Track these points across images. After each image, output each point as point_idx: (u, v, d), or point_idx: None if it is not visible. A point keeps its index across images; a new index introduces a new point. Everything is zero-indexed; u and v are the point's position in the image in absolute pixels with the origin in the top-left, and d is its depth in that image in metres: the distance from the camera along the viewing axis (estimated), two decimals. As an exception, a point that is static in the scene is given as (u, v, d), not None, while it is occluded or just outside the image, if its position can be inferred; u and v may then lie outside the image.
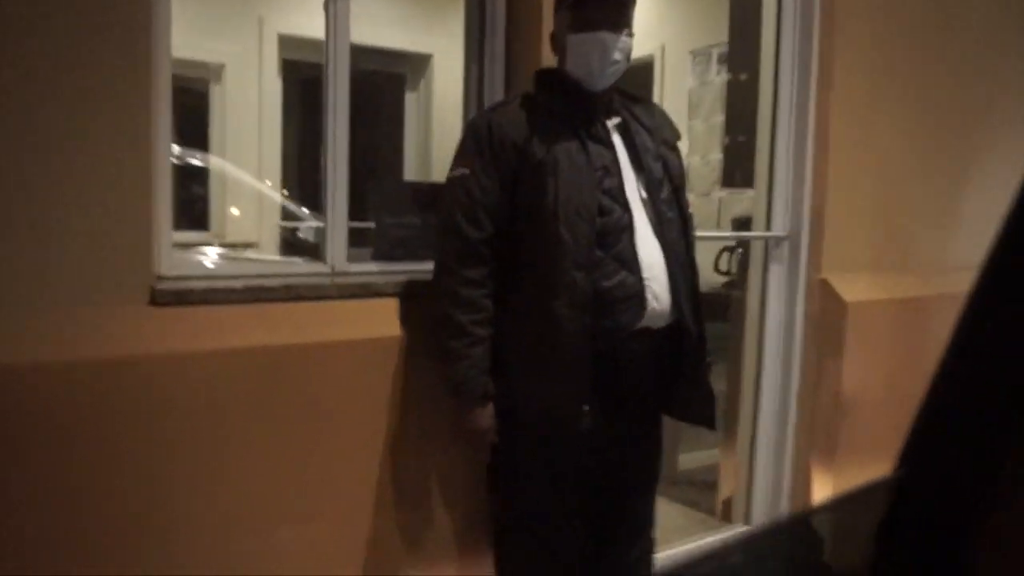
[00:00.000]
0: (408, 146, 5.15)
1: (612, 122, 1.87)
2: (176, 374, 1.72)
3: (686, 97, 4.29)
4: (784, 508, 2.98)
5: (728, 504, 3.10)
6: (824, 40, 2.92)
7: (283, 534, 1.85)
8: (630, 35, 1.84)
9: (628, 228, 1.78)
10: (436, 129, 4.93)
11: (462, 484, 2.12)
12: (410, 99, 5.16)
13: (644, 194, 1.83)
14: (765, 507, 3.01)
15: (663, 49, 4.36)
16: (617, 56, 1.82)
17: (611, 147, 1.83)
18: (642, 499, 2.02)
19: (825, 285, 2.92)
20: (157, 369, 1.70)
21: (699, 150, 4.23)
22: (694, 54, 4.27)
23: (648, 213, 1.82)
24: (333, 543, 1.94)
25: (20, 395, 1.55)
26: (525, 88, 1.93)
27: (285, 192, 4.48)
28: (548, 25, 1.98)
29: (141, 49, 1.72)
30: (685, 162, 3.83)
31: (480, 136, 1.84)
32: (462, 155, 1.87)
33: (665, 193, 1.87)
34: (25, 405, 1.55)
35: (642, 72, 4.40)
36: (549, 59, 2.03)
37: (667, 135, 1.97)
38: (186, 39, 2.29)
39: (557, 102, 1.84)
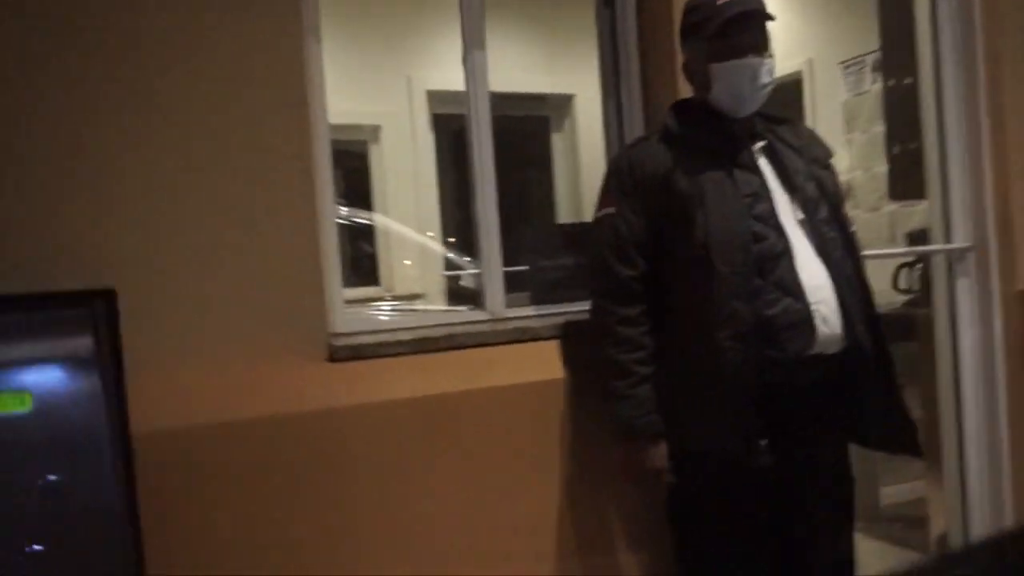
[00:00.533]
0: (558, 185, 5.22)
1: (757, 146, 1.82)
2: (355, 425, 1.81)
3: (840, 111, 4.10)
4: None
5: (943, 540, 2.86)
6: (988, 34, 2.70)
7: (461, 579, 1.89)
8: (772, 55, 1.79)
9: (786, 252, 1.71)
10: (584, 166, 4.98)
11: (643, 526, 2.09)
12: (556, 140, 5.25)
13: (800, 215, 1.76)
14: (982, 541, 2.74)
15: (811, 63, 4.19)
16: (766, 79, 1.77)
17: (758, 172, 1.78)
18: (836, 537, 1.89)
19: None
20: (339, 421, 1.80)
21: (862, 163, 4.01)
22: (845, 65, 4.08)
23: (807, 235, 1.75)
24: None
25: (215, 450, 1.69)
26: (662, 121, 1.91)
27: (448, 240, 4.66)
28: (680, 56, 1.96)
29: (300, 118, 1.86)
30: (847, 177, 3.61)
31: (622, 174, 1.85)
32: (606, 194, 1.88)
33: (823, 212, 1.79)
34: (233, 458, 1.69)
35: (791, 89, 4.25)
36: (686, 90, 2.01)
37: (818, 153, 1.89)
38: (342, 104, 2.44)
39: (698, 133, 1.82)
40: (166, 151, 1.73)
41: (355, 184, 4.75)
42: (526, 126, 5.18)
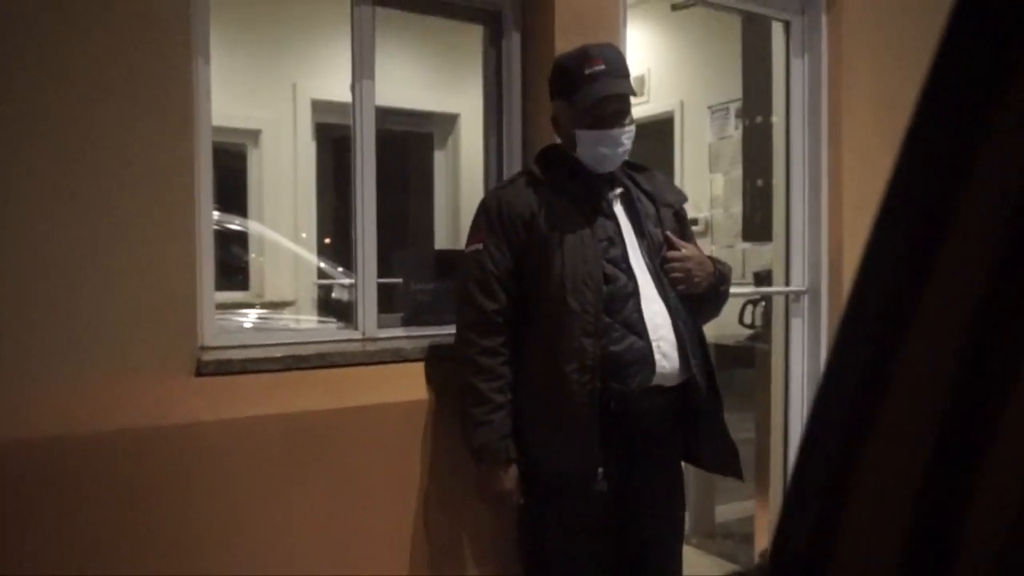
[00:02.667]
0: (438, 204, 5.31)
1: (615, 193, 1.98)
2: (220, 440, 1.84)
3: (706, 151, 4.40)
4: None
5: (765, 556, 3.12)
6: (833, 91, 3.00)
7: (318, 592, 1.94)
8: (632, 121, 1.96)
9: (634, 294, 1.88)
10: (465, 183, 5.09)
11: (492, 543, 2.20)
12: (439, 157, 5.34)
13: (647, 260, 1.93)
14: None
15: (682, 105, 4.49)
16: (626, 146, 1.94)
17: (614, 218, 1.95)
18: (667, 551, 2.08)
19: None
20: (203, 435, 1.82)
21: (721, 203, 4.32)
22: (712, 109, 4.39)
23: (652, 277, 1.92)
24: (366, 600, 2.02)
25: (75, 462, 1.68)
26: (529, 167, 2.05)
27: (323, 250, 4.66)
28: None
29: (182, 121, 1.85)
30: (707, 214, 3.88)
31: (491, 213, 1.97)
32: (476, 231, 2.00)
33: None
34: (83, 471, 1.68)
35: (664, 126, 4.54)
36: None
37: (670, 199, 2.07)
38: (224, 107, 2.44)
39: (561, 179, 1.97)
40: (35, 151, 1.69)
41: (231, 188, 4.67)
42: (410, 142, 5.25)
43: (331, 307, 4.03)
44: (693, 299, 1.98)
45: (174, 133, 1.84)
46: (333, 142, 4.86)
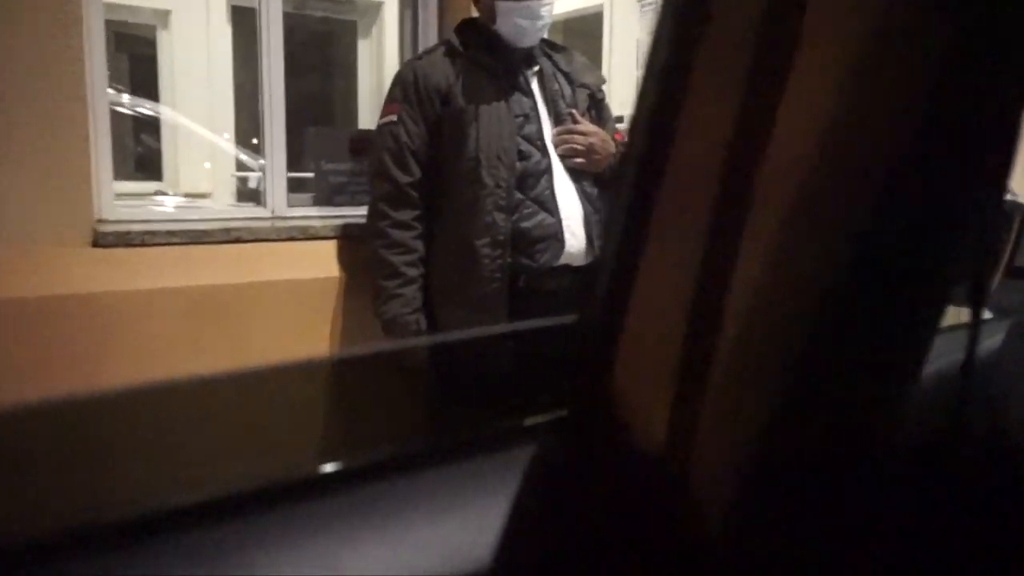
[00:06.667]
0: (362, 91, 5.16)
1: (532, 70, 1.96)
2: (119, 311, 1.80)
3: (635, 48, 4.36)
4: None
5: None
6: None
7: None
8: None
9: (547, 171, 1.88)
10: (389, 72, 4.94)
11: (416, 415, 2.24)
12: (363, 45, 5.16)
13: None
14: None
15: (612, 1, 4.42)
16: (545, 19, 1.91)
17: (531, 94, 1.93)
18: None
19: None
20: (101, 306, 1.78)
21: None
22: (642, 4, 4.33)
23: (559, 155, 1.92)
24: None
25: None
26: (449, 36, 2.00)
27: (244, 141, 4.50)
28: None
29: None
30: (630, 111, 3.88)
31: (407, 84, 1.93)
32: (390, 102, 1.96)
33: None
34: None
35: (592, 22, 4.46)
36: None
37: (587, 80, 2.06)
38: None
39: (480, 54, 1.93)
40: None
41: (143, 73, 4.44)
42: (331, 28, 5.05)
43: (250, 198, 3.93)
44: (598, 181, 1.99)
45: (59, 4, 1.74)
46: (251, 27, 4.64)
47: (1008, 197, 0.89)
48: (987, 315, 0.83)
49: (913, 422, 0.43)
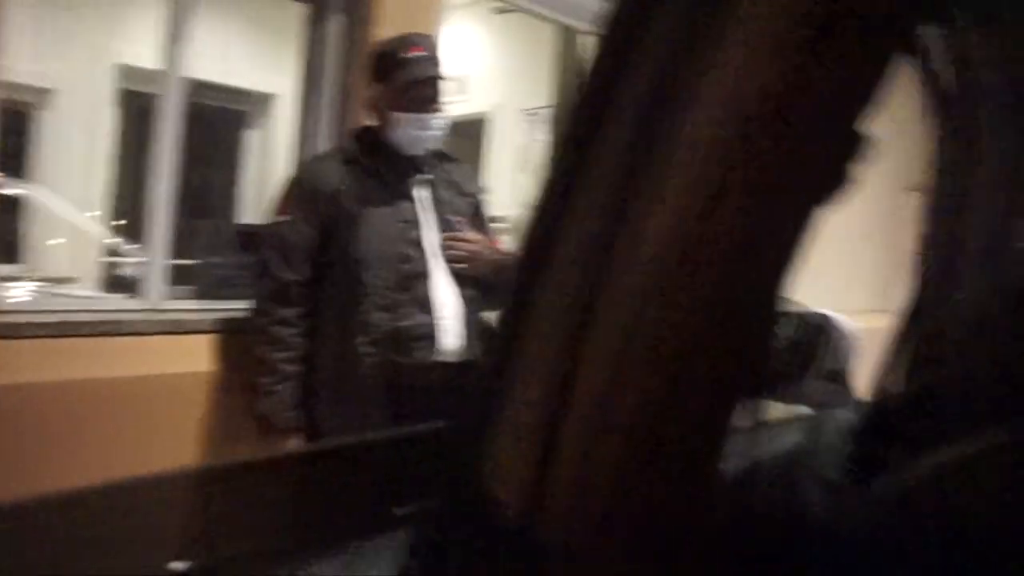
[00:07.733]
0: (247, 184, 5.14)
1: (421, 178, 2.07)
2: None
3: (517, 153, 4.58)
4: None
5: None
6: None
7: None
8: (444, 111, 2.06)
9: (427, 274, 1.98)
10: (279, 169, 4.95)
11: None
12: (252, 136, 5.18)
13: (441, 244, 2.03)
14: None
15: (497, 107, 4.65)
16: (437, 132, 2.05)
17: (416, 201, 2.04)
18: None
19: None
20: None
21: (525, 203, 4.49)
22: (526, 112, 4.57)
23: (444, 260, 2.02)
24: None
25: None
26: (344, 144, 2.09)
27: (115, 225, 4.36)
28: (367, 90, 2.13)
29: None
30: (510, 212, 4.06)
31: (300, 186, 2.02)
32: (284, 202, 2.03)
33: None
34: None
35: (476, 127, 4.67)
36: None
37: (470, 189, 2.19)
38: (12, 61, 2.26)
39: (373, 160, 2.03)
40: None
41: (13, 151, 4.27)
42: (221, 117, 5.05)
43: (118, 286, 3.76)
44: (476, 283, 2.09)
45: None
46: (137, 110, 4.58)
47: (819, 311, 1.03)
48: (806, 410, 0.96)
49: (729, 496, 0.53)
